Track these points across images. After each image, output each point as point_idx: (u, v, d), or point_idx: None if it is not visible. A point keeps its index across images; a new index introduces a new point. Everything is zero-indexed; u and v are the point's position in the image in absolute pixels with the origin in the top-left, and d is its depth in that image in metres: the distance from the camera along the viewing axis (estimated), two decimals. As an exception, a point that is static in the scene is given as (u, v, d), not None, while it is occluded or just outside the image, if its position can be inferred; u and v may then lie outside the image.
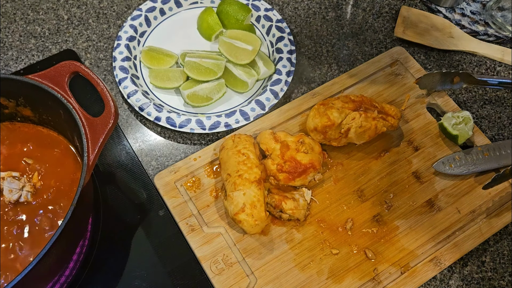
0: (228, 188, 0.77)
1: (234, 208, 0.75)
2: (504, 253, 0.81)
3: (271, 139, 0.82)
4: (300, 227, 0.80)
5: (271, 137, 0.82)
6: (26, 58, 0.98)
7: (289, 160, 0.79)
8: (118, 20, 1.03)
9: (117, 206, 0.83)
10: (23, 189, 0.75)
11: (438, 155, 0.87)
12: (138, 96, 0.89)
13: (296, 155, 0.80)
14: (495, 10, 1.03)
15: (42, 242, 0.72)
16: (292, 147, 0.81)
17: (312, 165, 0.79)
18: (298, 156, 0.80)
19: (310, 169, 0.79)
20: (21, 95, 0.76)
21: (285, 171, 0.79)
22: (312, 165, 0.79)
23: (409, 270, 0.77)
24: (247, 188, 0.75)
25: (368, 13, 1.06)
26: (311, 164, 0.79)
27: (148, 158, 0.88)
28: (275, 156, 0.80)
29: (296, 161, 0.79)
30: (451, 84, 0.82)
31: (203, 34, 1.00)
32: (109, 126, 0.69)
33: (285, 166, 0.79)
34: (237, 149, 0.80)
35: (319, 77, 0.98)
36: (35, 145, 0.80)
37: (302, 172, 0.79)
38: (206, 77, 0.91)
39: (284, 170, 0.79)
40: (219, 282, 0.76)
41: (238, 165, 0.77)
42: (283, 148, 0.80)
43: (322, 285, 0.76)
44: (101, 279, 0.77)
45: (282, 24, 0.99)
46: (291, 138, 0.82)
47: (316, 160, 0.80)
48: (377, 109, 0.84)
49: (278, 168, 0.79)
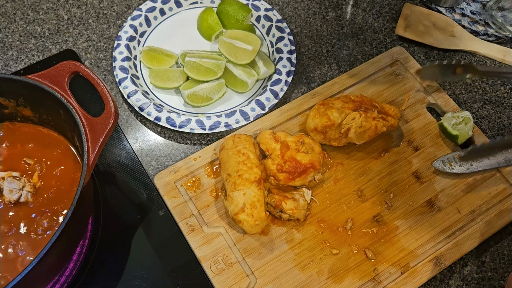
0: (228, 188, 0.77)
1: (234, 208, 0.75)
2: (504, 253, 0.81)
3: (271, 139, 0.82)
4: (300, 227, 0.80)
5: (271, 137, 0.82)
6: (26, 58, 0.98)
7: (289, 160, 0.79)
8: (118, 20, 1.03)
9: (117, 206, 0.83)
10: (23, 189, 0.75)
11: (438, 155, 0.87)
12: (138, 96, 0.89)
13: (296, 155, 0.80)
14: (495, 10, 1.03)
15: (42, 242, 0.72)
16: (292, 147, 0.81)
17: (312, 165, 0.79)
18: (298, 156, 0.80)
19: (310, 169, 0.79)
20: (21, 95, 0.76)
21: (285, 171, 0.79)
22: (312, 165, 0.79)
23: (409, 270, 0.77)
24: (247, 188, 0.75)
25: (368, 13, 1.06)
26: (311, 164, 0.79)
27: (148, 158, 0.89)
28: (275, 156, 0.80)
29: (296, 161, 0.79)
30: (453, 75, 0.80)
31: (203, 34, 1.00)
32: (109, 126, 0.69)
33: (285, 166, 0.79)
34: (237, 149, 0.80)
35: (319, 77, 0.98)
36: (35, 145, 0.80)
37: (302, 172, 0.79)
38: (206, 77, 0.91)
39: (284, 170, 0.79)
40: (219, 282, 0.76)
41: (238, 165, 0.77)
42: (283, 148, 0.80)
43: (322, 285, 0.76)
44: (101, 279, 0.77)
45: (282, 24, 0.99)
46: (291, 138, 0.82)
47: (316, 160, 0.80)
48: (377, 109, 0.84)
49: (278, 168, 0.79)
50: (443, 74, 0.83)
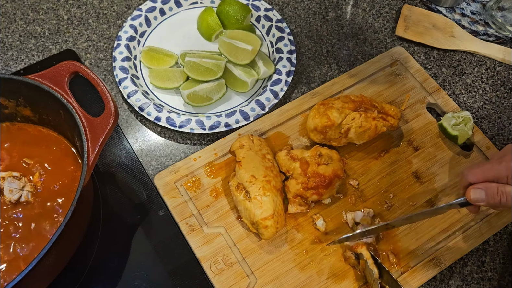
0: (252, 191, 0.76)
1: (262, 213, 0.74)
2: (504, 253, 0.81)
3: (289, 159, 0.80)
4: (300, 227, 0.80)
5: (288, 157, 0.81)
6: (26, 58, 0.98)
7: (313, 175, 0.78)
8: (118, 20, 1.03)
9: (117, 206, 0.83)
10: (23, 189, 0.75)
11: (438, 155, 0.87)
12: (138, 96, 0.89)
13: (318, 169, 0.78)
14: (495, 10, 1.03)
15: (42, 242, 0.72)
16: (311, 162, 0.79)
17: (336, 174, 0.78)
18: (320, 170, 0.78)
19: (335, 179, 0.78)
20: (21, 95, 0.76)
21: (311, 187, 0.78)
22: (336, 174, 0.78)
23: (409, 270, 0.77)
24: (275, 196, 0.76)
25: (368, 13, 1.06)
26: (334, 174, 0.78)
27: (148, 158, 0.89)
28: (297, 175, 0.79)
29: (320, 175, 0.78)
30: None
31: (203, 34, 1.00)
32: (109, 126, 0.69)
33: (310, 183, 0.78)
34: (262, 153, 0.80)
35: (319, 77, 0.98)
36: (35, 145, 0.80)
37: (328, 184, 0.78)
38: (206, 77, 0.91)
39: (310, 187, 0.78)
40: (219, 282, 0.76)
41: (266, 170, 0.77)
42: (303, 165, 0.79)
43: (322, 285, 0.76)
44: (101, 279, 0.77)
45: (282, 24, 0.99)
46: (307, 153, 0.80)
47: (338, 168, 0.79)
48: (377, 109, 0.84)
49: (304, 187, 0.78)
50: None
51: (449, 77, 0.98)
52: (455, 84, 0.97)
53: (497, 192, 0.64)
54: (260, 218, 0.74)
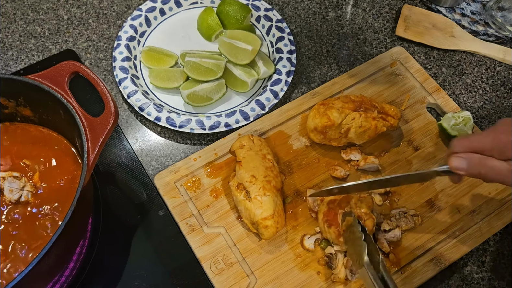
0: (253, 191, 0.76)
1: (263, 212, 0.74)
2: (504, 253, 0.81)
3: (324, 222, 0.77)
4: (300, 227, 0.80)
5: (323, 221, 0.77)
6: (26, 58, 0.98)
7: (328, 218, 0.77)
8: (118, 20, 1.03)
9: (117, 206, 0.83)
10: (23, 189, 0.75)
11: (438, 155, 0.87)
12: (138, 96, 0.89)
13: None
14: (495, 10, 1.03)
15: (42, 242, 0.72)
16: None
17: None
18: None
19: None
20: (21, 95, 0.76)
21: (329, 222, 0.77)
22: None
23: (409, 270, 0.77)
24: (275, 196, 0.76)
25: (368, 13, 1.06)
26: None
27: (148, 158, 0.89)
28: (333, 239, 0.76)
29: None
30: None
31: (203, 34, 1.00)
32: (109, 126, 0.69)
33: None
34: (262, 153, 0.80)
35: (319, 77, 0.98)
36: (35, 145, 0.80)
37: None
38: (206, 77, 0.91)
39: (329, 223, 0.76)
40: (219, 282, 0.76)
41: (266, 170, 0.78)
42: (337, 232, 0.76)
43: (322, 285, 0.76)
44: (101, 279, 0.77)
45: (282, 24, 0.99)
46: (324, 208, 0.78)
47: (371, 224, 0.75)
48: (377, 109, 0.84)
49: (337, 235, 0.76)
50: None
51: (449, 77, 0.98)
52: (455, 84, 0.97)
53: (479, 163, 0.64)
54: (260, 218, 0.74)
